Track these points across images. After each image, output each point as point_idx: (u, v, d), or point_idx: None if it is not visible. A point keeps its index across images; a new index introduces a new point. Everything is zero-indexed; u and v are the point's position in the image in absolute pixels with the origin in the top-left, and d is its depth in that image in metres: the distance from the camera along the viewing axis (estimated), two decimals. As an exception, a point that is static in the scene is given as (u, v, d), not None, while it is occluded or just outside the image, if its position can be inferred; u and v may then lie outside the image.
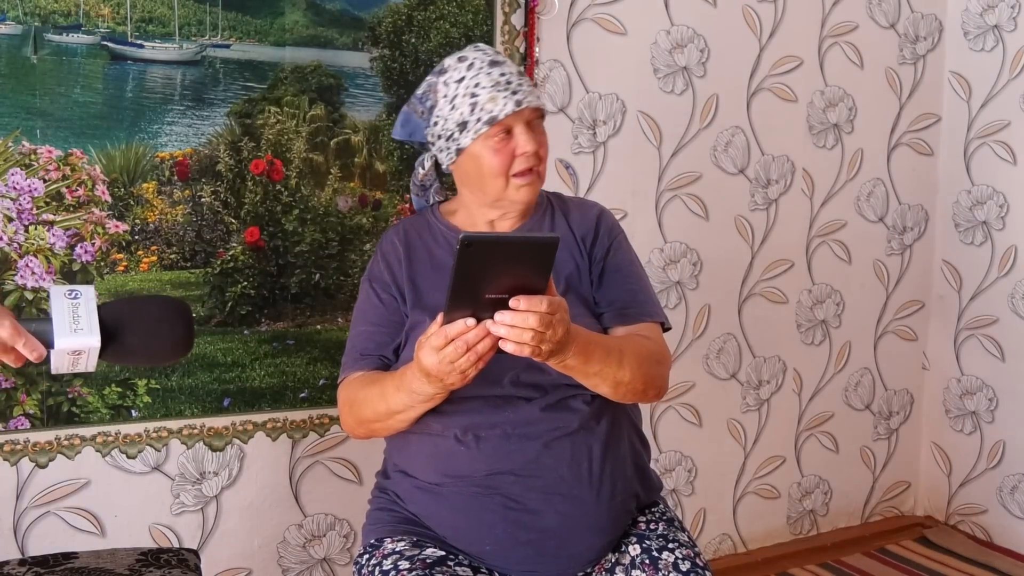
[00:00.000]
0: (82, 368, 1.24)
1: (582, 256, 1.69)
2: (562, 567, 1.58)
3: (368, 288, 1.70)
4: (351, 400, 1.62)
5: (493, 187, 1.61)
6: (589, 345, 1.44)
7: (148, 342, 1.30)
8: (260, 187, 2.26)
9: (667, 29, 2.75)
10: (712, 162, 2.88)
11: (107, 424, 2.16)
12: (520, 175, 1.60)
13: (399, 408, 1.52)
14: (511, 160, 1.59)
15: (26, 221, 2.05)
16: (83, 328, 1.20)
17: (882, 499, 3.43)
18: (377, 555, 1.61)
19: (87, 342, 1.20)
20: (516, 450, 1.56)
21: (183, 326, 1.33)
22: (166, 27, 2.17)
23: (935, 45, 3.29)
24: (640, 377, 1.52)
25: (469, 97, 1.58)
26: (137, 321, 1.29)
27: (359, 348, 1.66)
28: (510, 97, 1.57)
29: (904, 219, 3.31)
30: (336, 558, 2.47)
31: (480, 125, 1.58)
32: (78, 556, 1.80)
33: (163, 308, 1.35)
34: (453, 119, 1.61)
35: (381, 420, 1.57)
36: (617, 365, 1.48)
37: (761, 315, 3.05)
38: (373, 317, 1.67)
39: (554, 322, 1.30)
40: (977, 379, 3.29)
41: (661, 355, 1.61)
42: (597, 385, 1.50)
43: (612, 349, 1.49)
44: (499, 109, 1.57)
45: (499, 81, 1.58)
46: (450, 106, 1.61)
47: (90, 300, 1.23)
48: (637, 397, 1.57)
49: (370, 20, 2.36)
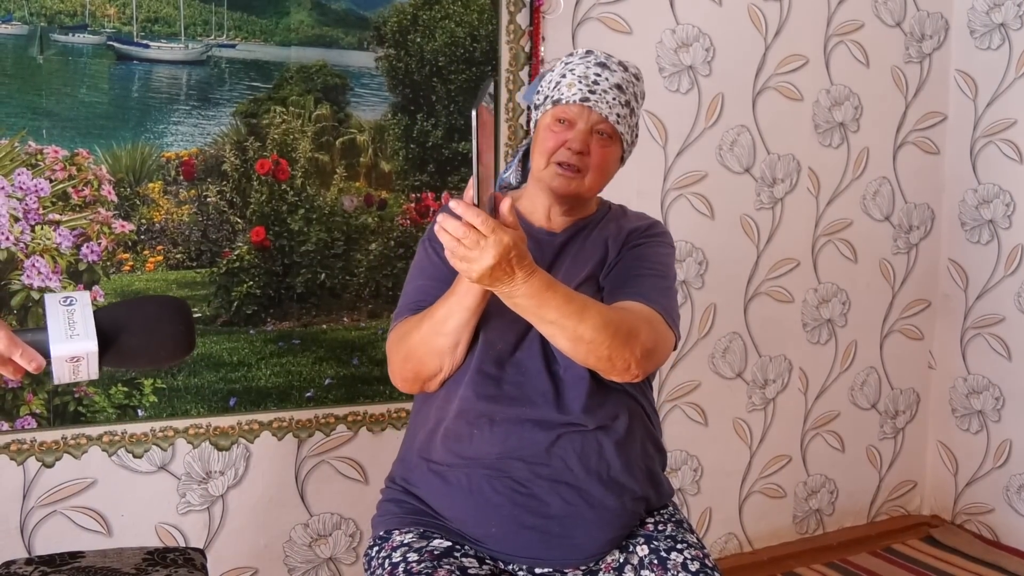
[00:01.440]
0: (84, 376, 1.21)
1: (616, 247, 1.70)
2: (565, 556, 1.59)
3: (427, 247, 1.72)
4: (401, 334, 1.63)
5: (537, 163, 1.68)
6: (546, 290, 1.41)
7: (147, 342, 1.27)
8: (266, 187, 2.26)
9: (672, 28, 2.75)
10: (718, 161, 2.88)
11: (113, 424, 2.17)
12: (560, 164, 1.64)
13: (441, 314, 1.55)
14: (557, 148, 1.64)
15: (32, 221, 2.05)
16: (79, 333, 1.18)
17: (888, 498, 3.43)
18: (386, 547, 1.63)
19: (83, 347, 1.18)
20: (528, 437, 1.58)
21: (182, 324, 1.30)
22: (172, 27, 2.17)
23: (941, 43, 3.28)
24: (604, 340, 1.47)
25: (559, 77, 1.67)
26: (134, 322, 1.26)
27: (414, 299, 1.68)
28: (583, 91, 1.63)
29: (910, 218, 3.31)
30: (342, 557, 2.47)
31: (548, 102, 1.67)
32: (84, 555, 1.81)
33: (160, 307, 1.32)
34: (543, 91, 1.69)
35: (426, 341, 1.58)
36: (578, 319, 1.45)
37: (767, 314, 3.05)
38: (431, 272, 1.68)
39: (483, 244, 1.30)
40: (984, 378, 3.28)
41: (635, 328, 1.53)
42: (554, 336, 1.48)
43: (573, 300, 1.46)
44: (566, 94, 1.63)
45: (587, 76, 1.64)
46: (548, 80, 1.69)
47: (85, 305, 1.21)
48: (602, 365, 1.51)
49: (375, 20, 2.36)
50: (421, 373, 1.62)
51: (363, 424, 2.43)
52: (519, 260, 1.35)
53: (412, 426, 1.75)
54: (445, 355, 1.59)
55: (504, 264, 1.33)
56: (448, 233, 1.32)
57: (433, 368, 1.61)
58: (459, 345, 1.58)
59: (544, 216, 1.72)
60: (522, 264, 1.36)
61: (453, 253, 1.33)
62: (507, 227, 1.33)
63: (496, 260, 1.32)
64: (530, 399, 1.59)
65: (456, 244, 1.32)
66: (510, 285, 1.38)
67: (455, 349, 1.58)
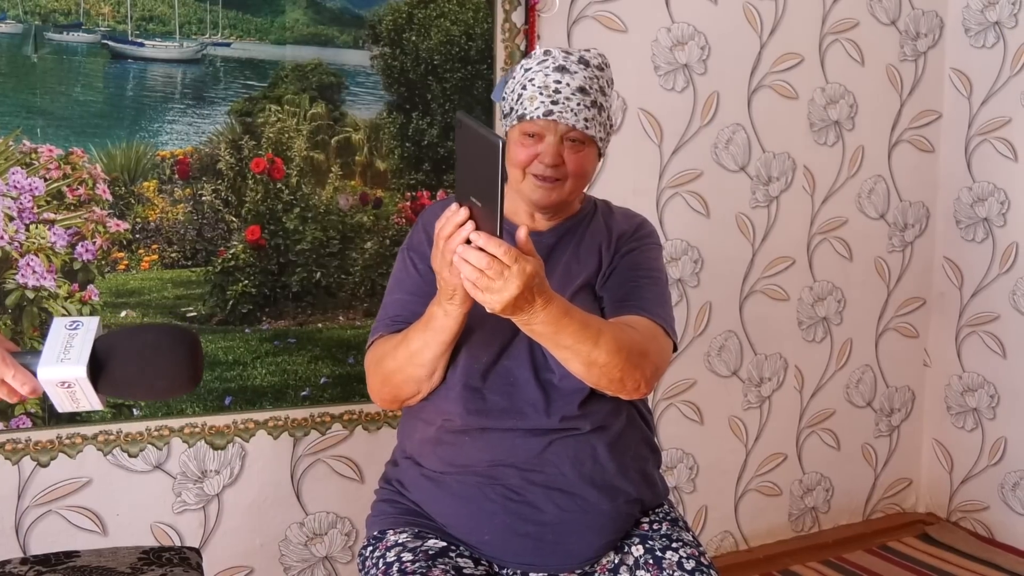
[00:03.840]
0: (86, 405, 1.16)
1: (609, 254, 1.69)
2: (559, 562, 1.59)
3: (406, 257, 1.70)
4: (378, 357, 1.61)
5: (513, 175, 1.63)
6: (564, 317, 1.40)
7: (141, 372, 1.20)
8: (261, 185, 2.26)
9: (668, 26, 2.75)
10: (713, 159, 2.88)
11: (108, 423, 2.16)
12: (538, 176, 1.60)
13: (417, 346, 1.52)
14: (530, 161, 1.60)
15: (27, 220, 2.04)
16: (70, 358, 1.13)
17: (884, 496, 3.43)
18: (380, 547, 1.63)
19: (71, 372, 1.12)
20: (520, 444, 1.57)
21: (183, 355, 1.22)
22: (166, 25, 2.16)
23: (936, 42, 3.29)
24: (617, 363, 1.47)
25: (520, 88, 1.61)
26: (129, 351, 1.19)
27: (391, 314, 1.66)
28: (545, 104, 1.57)
29: (905, 216, 3.31)
30: (338, 556, 2.47)
31: (513, 116, 1.61)
32: (80, 555, 1.80)
33: (160, 336, 1.25)
34: (507, 101, 1.65)
35: (402, 369, 1.56)
36: (592, 344, 1.44)
37: (762, 312, 3.05)
38: (409, 286, 1.66)
39: (507, 275, 1.29)
40: (978, 376, 3.29)
41: (646, 348, 1.53)
42: (568, 360, 1.47)
43: (589, 326, 1.45)
44: (532, 110, 1.58)
45: (548, 86, 1.58)
46: (510, 88, 1.65)
47: (89, 331, 1.16)
48: (614, 386, 1.51)
49: (370, 18, 2.36)
50: (399, 396, 1.62)
51: (359, 423, 2.43)
52: (540, 288, 1.34)
53: (402, 432, 1.74)
54: (422, 382, 1.57)
55: (527, 293, 1.31)
56: (471, 265, 1.29)
57: (410, 392, 1.60)
58: (435, 372, 1.56)
59: (528, 217, 1.69)
60: (542, 292, 1.35)
61: (476, 284, 1.31)
62: (527, 255, 1.31)
63: (520, 290, 1.30)
64: (519, 410, 1.57)
65: (479, 275, 1.29)
66: (529, 313, 1.36)
67: (431, 376, 1.56)
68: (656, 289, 1.66)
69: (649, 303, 1.63)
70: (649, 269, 1.69)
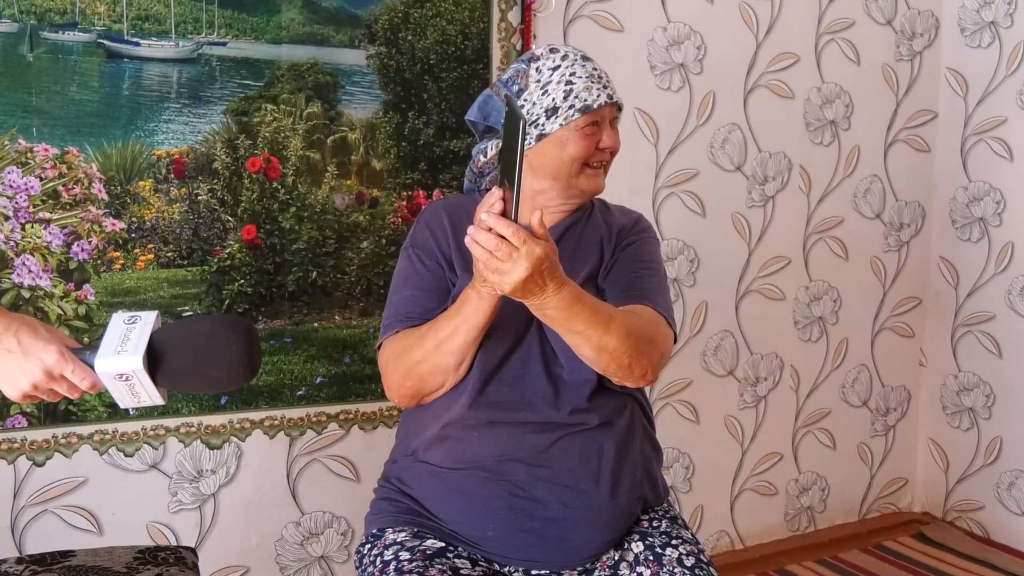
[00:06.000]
0: (147, 400, 1.17)
1: (611, 248, 1.71)
2: (562, 559, 1.59)
3: (411, 255, 1.70)
4: (398, 351, 1.60)
5: (568, 172, 1.65)
6: (576, 302, 1.42)
7: (197, 363, 1.20)
8: (257, 185, 2.26)
9: (664, 26, 2.75)
10: (709, 159, 2.89)
11: (104, 422, 2.16)
12: (592, 164, 1.66)
13: (447, 332, 1.53)
14: (593, 150, 1.65)
15: (22, 219, 2.04)
16: (127, 350, 1.14)
17: (879, 495, 3.44)
18: (379, 545, 1.63)
19: (128, 363, 1.14)
20: (528, 439, 1.58)
21: (241, 345, 1.21)
22: (162, 25, 2.16)
23: (932, 42, 3.29)
24: (627, 350, 1.48)
25: (564, 84, 1.63)
26: (185, 342, 1.20)
27: (404, 311, 1.65)
28: (603, 90, 1.64)
29: (901, 216, 3.32)
30: (334, 556, 2.47)
31: (573, 112, 1.62)
32: (75, 554, 1.80)
33: (215, 325, 1.25)
34: (543, 104, 1.63)
35: (429, 358, 1.56)
36: (603, 330, 1.45)
37: (758, 312, 3.06)
38: (417, 282, 1.67)
39: (515, 256, 1.30)
40: (974, 375, 3.30)
41: (653, 335, 1.56)
42: (579, 346, 1.48)
43: (601, 312, 1.47)
44: (593, 99, 1.62)
45: (593, 74, 1.65)
46: (541, 91, 1.64)
47: (147, 324, 1.18)
48: (622, 372, 1.52)
49: (366, 17, 2.36)
50: (422, 390, 1.61)
51: (355, 422, 2.43)
52: (551, 272, 1.35)
53: (405, 429, 1.74)
54: (449, 372, 1.58)
55: (536, 276, 1.33)
56: (480, 245, 1.31)
57: (435, 384, 1.60)
58: (464, 362, 1.57)
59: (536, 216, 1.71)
60: (554, 276, 1.36)
61: (486, 265, 1.32)
62: (538, 239, 1.32)
63: (529, 272, 1.31)
64: (529, 402, 1.59)
65: (488, 256, 1.31)
66: (541, 297, 1.38)
67: (459, 366, 1.57)
68: (656, 280, 1.70)
69: (651, 292, 1.65)
70: (649, 261, 1.72)
